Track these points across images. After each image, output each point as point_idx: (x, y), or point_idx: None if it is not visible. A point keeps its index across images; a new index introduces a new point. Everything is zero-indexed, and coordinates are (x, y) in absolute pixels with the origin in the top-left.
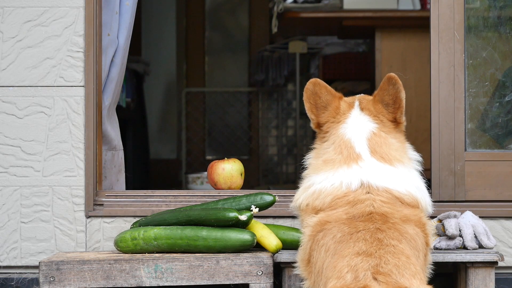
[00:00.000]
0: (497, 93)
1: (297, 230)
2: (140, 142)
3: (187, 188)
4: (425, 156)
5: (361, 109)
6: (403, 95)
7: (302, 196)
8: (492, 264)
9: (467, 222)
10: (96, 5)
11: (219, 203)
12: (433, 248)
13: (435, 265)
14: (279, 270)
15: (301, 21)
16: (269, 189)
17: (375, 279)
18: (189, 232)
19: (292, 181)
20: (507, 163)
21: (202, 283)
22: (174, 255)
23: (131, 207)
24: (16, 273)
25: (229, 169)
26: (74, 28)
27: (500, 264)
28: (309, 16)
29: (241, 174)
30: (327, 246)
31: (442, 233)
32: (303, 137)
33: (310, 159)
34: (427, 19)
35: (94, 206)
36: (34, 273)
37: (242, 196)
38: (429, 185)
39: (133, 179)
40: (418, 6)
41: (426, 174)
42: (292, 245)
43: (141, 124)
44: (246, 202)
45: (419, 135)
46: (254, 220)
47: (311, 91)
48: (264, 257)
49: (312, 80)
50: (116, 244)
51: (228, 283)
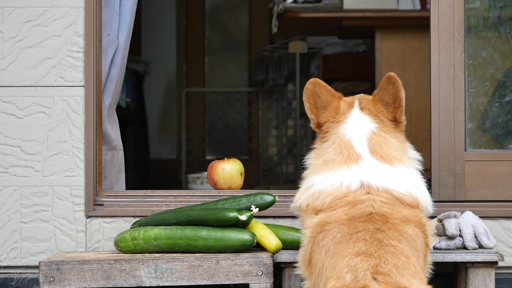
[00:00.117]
0: (497, 93)
1: (297, 230)
2: (140, 142)
3: (187, 188)
4: (425, 156)
5: (361, 109)
6: (403, 94)
7: (303, 197)
8: (492, 264)
9: (467, 222)
10: (96, 5)
11: (219, 203)
12: (433, 248)
13: (435, 265)
14: (279, 270)
15: (301, 21)
16: (269, 189)
17: (375, 279)
18: (189, 232)
19: (292, 181)
20: (507, 163)
21: (202, 283)
22: (174, 255)
23: (131, 207)
24: (16, 273)
25: (229, 169)
26: (74, 28)
27: (500, 264)
28: (309, 16)
29: (241, 174)
30: (327, 247)
31: (442, 233)
32: (303, 137)
33: (311, 159)
34: (427, 19)
35: (94, 206)
36: (34, 273)
37: (242, 196)
38: (429, 185)
39: (133, 179)
40: (418, 6)
41: (426, 174)
42: (292, 245)
43: (141, 124)
44: (246, 202)
45: (419, 135)
46: (254, 220)
47: (311, 91)
48: (264, 257)
49: (312, 80)
50: (116, 244)
51: (228, 283)
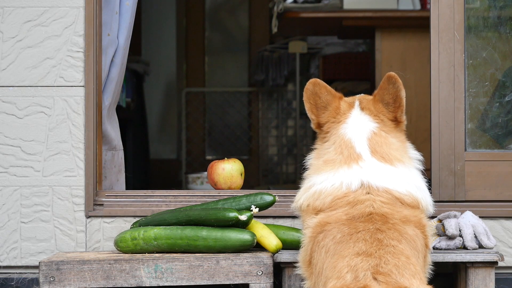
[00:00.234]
0: (497, 93)
1: (297, 230)
2: (140, 142)
3: (187, 188)
4: (425, 156)
5: (362, 109)
6: (403, 94)
7: (303, 197)
8: (492, 264)
9: (467, 222)
10: (96, 5)
11: (219, 203)
12: (433, 248)
13: (435, 265)
14: (279, 270)
15: (301, 21)
16: (269, 189)
17: (375, 279)
18: (189, 232)
19: (292, 181)
20: (507, 163)
21: (202, 283)
22: (174, 255)
23: (131, 207)
24: (16, 273)
25: (229, 169)
26: (74, 28)
27: (500, 264)
28: (309, 16)
29: (241, 174)
30: (327, 247)
31: (442, 233)
32: (303, 137)
33: (311, 160)
34: (427, 19)
35: (94, 206)
36: (34, 273)
37: (242, 196)
38: (429, 185)
39: (133, 179)
40: (418, 6)
41: (427, 174)
42: (292, 245)
43: (141, 124)
44: (246, 202)
45: (419, 135)
46: (254, 220)
47: (311, 91)
48: (264, 257)
49: (312, 80)
50: (116, 244)
51: (228, 283)
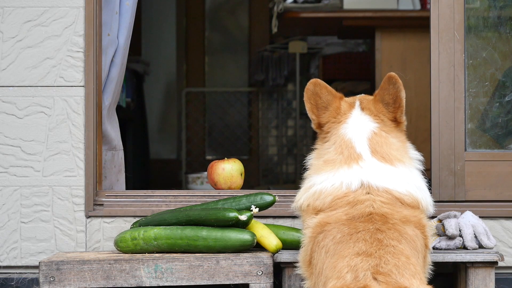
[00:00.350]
0: (497, 93)
1: (297, 230)
2: (140, 142)
3: (187, 188)
4: (425, 156)
5: (362, 109)
6: (403, 95)
7: (303, 197)
8: (492, 264)
9: (467, 222)
10: (96, 5)
11: (219, 203)
12: (433, 248)
13: (435, 265)
14: (279, 270)
15: (301, 21)
16: (269, 189)
17: (375, 279)
18: (189, 232)
19: (292, 181)
20: (507, 163)
21: (202, 283)
22: (174, 255)
23: (131, 207)
24: (16, 273)
25: (229, 169)
26: (74, 28)
27: (500, 264)
28: (309, 16)
29: (241, 174)
30: (327, 247)
31: (442, 233)
32: (303, 137)
33: (312, 160)
34: (427, 19)
35: (94, 206)
36: (34, 273)
37: (242, 196)
38: (430, 185)
39: (133, 179)
40: (418, 6)
41: (427, 174)
42: (292, 245)
43: (141, 124)
44: (246, 202)
45: (419, 135)
46: (254, 220)
47: (312, 92)
48: (264, 257)
49: (313, 81)
50: (116, 244)
51: (228, 283)
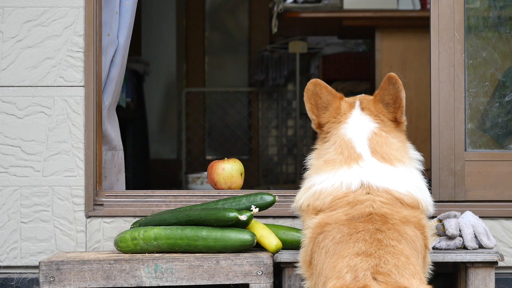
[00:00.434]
0: (497, 93)
1: (297, 230)
2: (140, 142)
3: (187, 188)
4: (425, 156)
5: (362, 109)
6: (403, 95)
7: (303, 197)
8: (492, 264)
9: (467, 222)
10: (96, 5)
11: (219, 203)
12: (433, 248)
13: (435, 265)
14: (279, 270)
15: (301, 21)
16: (269, 189)
17: (375, 279)
18: (189, 232)
19: (292, 181)
20: (507, 163)
21: (202, 283)
22: (174, 255)
23: (131, 207)
24: (16, 273)
25: (229, 169)
26: (74, 28)
27: (500, 264)
28: (309, 16)
29: (241, 174)
30: (327, 248)
31: (442, 233)
32: (303, 137)
33: (312, 160)
34: (427, 19)
35: (94, 206)
36: (34, 273)
37: (242, 196)
38: (430, 185)
39: (133, 179)
40: (418, 6)
41: (427, 174)
42: (292, 245)
43: (141, 124)
44: (246, 202)
45: (419, 135)
46: (254, 220)
47: (312, 92)
48: (264, 257)
49: (313, 81)
50: (116, 244)
51: (228, 283)
